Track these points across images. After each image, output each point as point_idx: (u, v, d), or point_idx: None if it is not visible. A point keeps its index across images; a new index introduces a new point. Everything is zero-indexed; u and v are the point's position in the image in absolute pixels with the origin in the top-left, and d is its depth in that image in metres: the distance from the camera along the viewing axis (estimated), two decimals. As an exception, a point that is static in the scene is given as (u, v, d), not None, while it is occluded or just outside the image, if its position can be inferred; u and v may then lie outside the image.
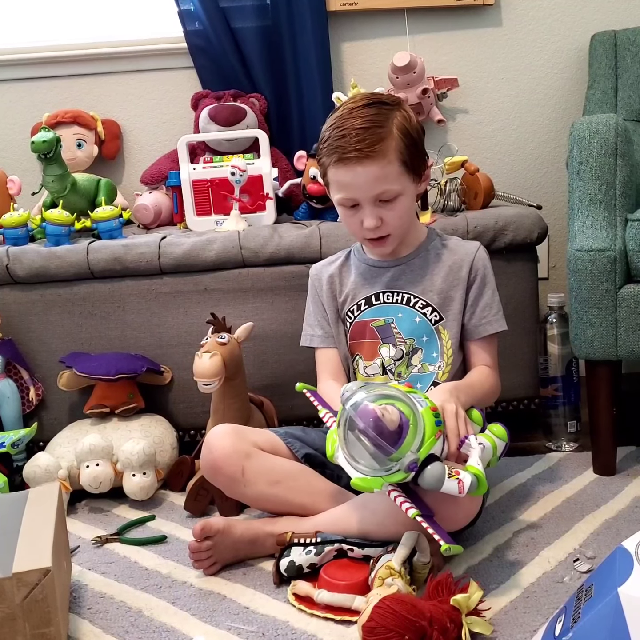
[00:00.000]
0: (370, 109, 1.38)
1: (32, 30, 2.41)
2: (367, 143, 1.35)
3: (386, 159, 1.36)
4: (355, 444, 1.19)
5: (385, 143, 1.36)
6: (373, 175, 1.36)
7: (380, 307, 1.50)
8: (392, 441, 1.16)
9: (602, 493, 1.58)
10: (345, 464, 1.22)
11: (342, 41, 2.35)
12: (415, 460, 1.16)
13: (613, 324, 1.57)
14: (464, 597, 1.11)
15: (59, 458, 1.68)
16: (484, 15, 2.34)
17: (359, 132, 1.35)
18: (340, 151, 1.36)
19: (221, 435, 1.43)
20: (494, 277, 1.52)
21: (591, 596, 0.93)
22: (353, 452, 1.20)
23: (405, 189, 1.40)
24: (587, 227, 1.58)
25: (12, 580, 1.03)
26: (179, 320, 1.86)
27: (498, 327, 1.50)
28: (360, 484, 1.20)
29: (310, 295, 1.61)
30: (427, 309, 1.48)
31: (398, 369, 1.48)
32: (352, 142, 1.35)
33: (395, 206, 1.40)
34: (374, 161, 1.35)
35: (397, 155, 1.37)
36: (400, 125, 1.38)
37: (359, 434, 1.18)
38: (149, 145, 2.41)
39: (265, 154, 2.01)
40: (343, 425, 1.20)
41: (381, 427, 1.16)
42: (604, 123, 1.57)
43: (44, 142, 1.90)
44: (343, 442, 1.20)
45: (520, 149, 2.40)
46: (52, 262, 1.83)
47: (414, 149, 1.40)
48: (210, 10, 2.25)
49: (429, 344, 1.47)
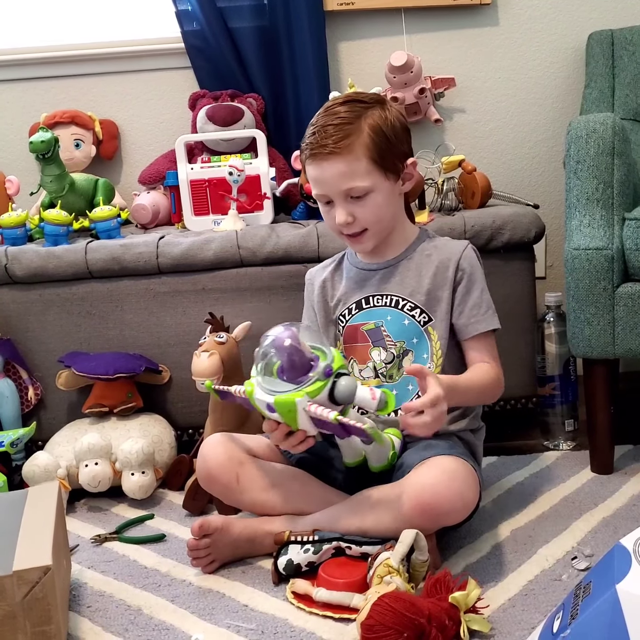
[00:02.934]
0: (343, 107, 1.40)
1: (29, 31, 2.41)
2: (333, 139, 1.36)
3: (352, 155, 1.37)
4: (271, 380, 1.27)
5: (351, 139, 1.37)
6: (338, 170, 1.37)
7: (370, 311, 1.49)
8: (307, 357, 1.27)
9: (599, 491, 1.59)
10: (264, 394, 1.26)
11: (340, 41, 2.36)
12: (330, 367, 1.24)
13: (610, 322, 1.58)
14: (463, 595, 1.12)
15: (58, 457, 1.68)
16: (481, 15, 2.34)
17: (327, 128, 1.37)
18: (310, 147, 1.39)
19: (214, 445, 1.45)
20: (485, 275, 1.50)
21: (589, 593, 0.94)
22: (271, 385, 1.27)
23: (377, 185, 1.39)
24: (585, 226, 1.59)
25: (12, 578, 1.03)
26: (177, 319, 1.86)
27: (487, 325, 1.47)
28: (281, 399, 1.24)
29: (305, 298, 1.62)
30: (415, 310, 1.46)
31: (389, 372, 1.47)
32: (320, 139, 1.37)
33: (366, 202, 1.40)
34: (339, 157, 1.37)
35: (364, 151, 1.37)
36: (372, 122, 1.38)
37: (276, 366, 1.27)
38: (146, 145, 2.42)
39: (262, 153, 2.01)
40: (261, 358, 1.29)
41: (296, 352, 1.27)
42: (601, 122, 1.57)
43: (42, 142, 1.90)
44: (262, 377, 1.28)
45: (518, 148, 2.40)
46: (51, 262, 1.84)
47: (387, 146, 1.39)
48: (207, 11, 2.25)
49: (419, 345, 1.46)
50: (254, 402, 1.28)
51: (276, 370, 1.27)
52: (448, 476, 1.27)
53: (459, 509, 1.29)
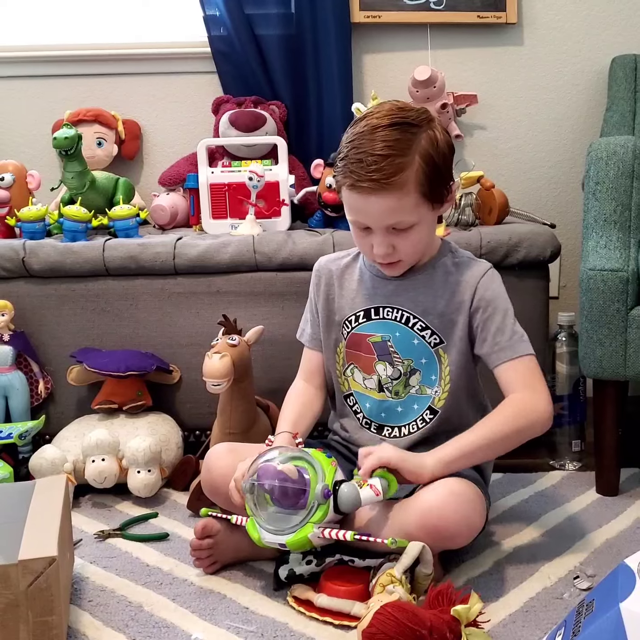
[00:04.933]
0: (393, 132, 1.26)
1: (59, 29, 2.43)
2: (384, 174, 1.24)
3: (403, 191, 1.26)
4: (272, 515, 1.25)
5: (404, 174, 1.25)
6: (387, 206, 1.27)
7: (378, 323, 1.43)
8: (299, 484, 1.24)
9: (604, 513, 1.58)
10: (273, 536, 1.24)
11: (364, 53, 2.37)
12: (326, 487, 1.23)
13: (623, 344, 1.58)
14: (465, 608, 1.11)
15: (66, 451, 1.68)
16: (506, 34, 2.36)
17: (377, 159, 1.24)
18: (354, 177, 1.26)
19: (219, 455, 1.44)
20: (508, 299, 1.40)
21: (592, 611, 0.94)
22: (274, 524, 1.24)
23: (422, 218, 1.31)
24: (601, 247, 1.59)
25: (17, 567, 1.04)
26: (191, 320, 1.87)
27: (512, 353, 1.35)
28: (294, 540, 1.22)
29: (310, 290, 1.55)
30: (426, 331, 1.39)
31: (395, 388, 1.43)
32: (369, 171, 1.24)
33: (409, 235, 1.31)
34: (389, 193, 1.25)
35: (416, 186, 1.27)
36: (424, 151, 1.27)
37: (269, 495, 1.25)
38: (168, 147, 2.43)
39: (283, 160, 2.02)
40: (255, 500, 1.26)
41: (285, 478, 1.24)
42: (621, 145, 1.58)
43: (65, 138, 1.92)
44: (261, 518, 1.25)
45: (536, 167, 2.41)
46: (68, 258, 1.85)
47: (437, 178, 1.29)
48: (235, 17, 2.27)
49: (428, 366, 1.40)
50: (264, 545, 1.26)
51: (270, 499, 1.25)
52: (455, 499, 1.25)
53: (464, 533, 1.27)
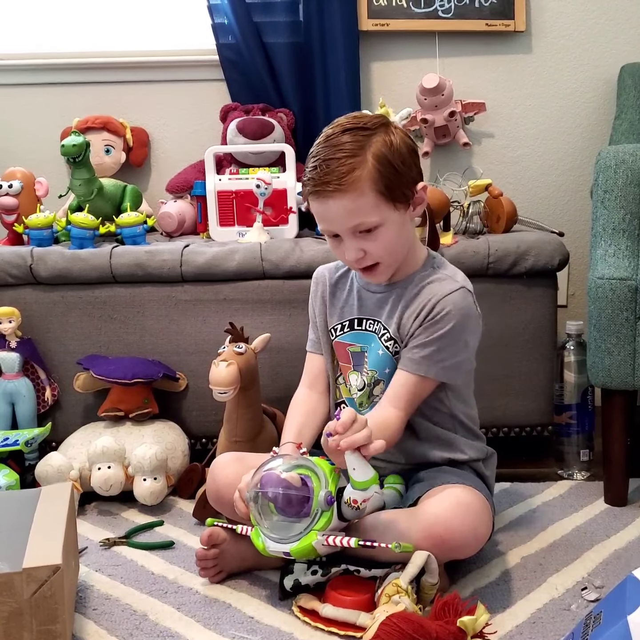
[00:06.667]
0: (344, 136, 1.30)
1: (67, 37, 2.45)
2: (336, 175, 1.26)
3: (357, 191, 1.27)
4: (276, 523, 1.24)
5: (355, 174, 1.26)
6: (344, 208, 1.28)
7: (359, 334, 1.44)
8: (303, 491, 1.23)
9: (612, 523, 1.57)
10: (277, 545, 1.23)
11: (373, 61, 2.38)
12: (329, 493, 1.22)
13: (631, 353, 1.57)
14: (471, 620, 1.10)
15: (72, 459, 1.68)
16: (515, 42, 2.35)
17: (330, 162, 1.27)
18: (312, 183, 1.30)
19: (224, 465, 1.44)
20: (465, 325, 1.36)
21: (600, 623, 0.93)
22: (279, 533, 1.23)
23: (386, 218, 1.30)
24: (610, 256, 1.58)
25: (21, 575, 1.04)
26: (197, 328, 1.87)
27: (416, 369, 1.34)
28: (298, 548, 1.21)
29: (310, 295, 1.56)
30: (390, 342, 1.39)
31: (359, 399, 1.45)
32: (322, 174, 1.27)
33: (376, 237, 1.31)
34: (344, 194, 1.27)
35: (371, 186, 1.27)
36: (377, 151, 1.28)
37: (272, 504, 1.23)
38: (176, 154, 2.44)
39: (290, 168, 2.02)
40: (259, 509, 1.25)
41: (288, 486, 1.23)
42: (630, 153, 1.57)
43: (73, 145, 1.92)
44: (265, 527, 1.24)
45: (545, 175, 2.41)
46: (76, 265, 1.85)
47: (394, 177, 1.29)
48: (243, 25, 2.27)
49: (390, 375, 1.39)
50: (268, 554, 1.25)
51: (274, 507, 1.24)
52: (462, 509, 1.25)
53: (470, 543, 1.27)
